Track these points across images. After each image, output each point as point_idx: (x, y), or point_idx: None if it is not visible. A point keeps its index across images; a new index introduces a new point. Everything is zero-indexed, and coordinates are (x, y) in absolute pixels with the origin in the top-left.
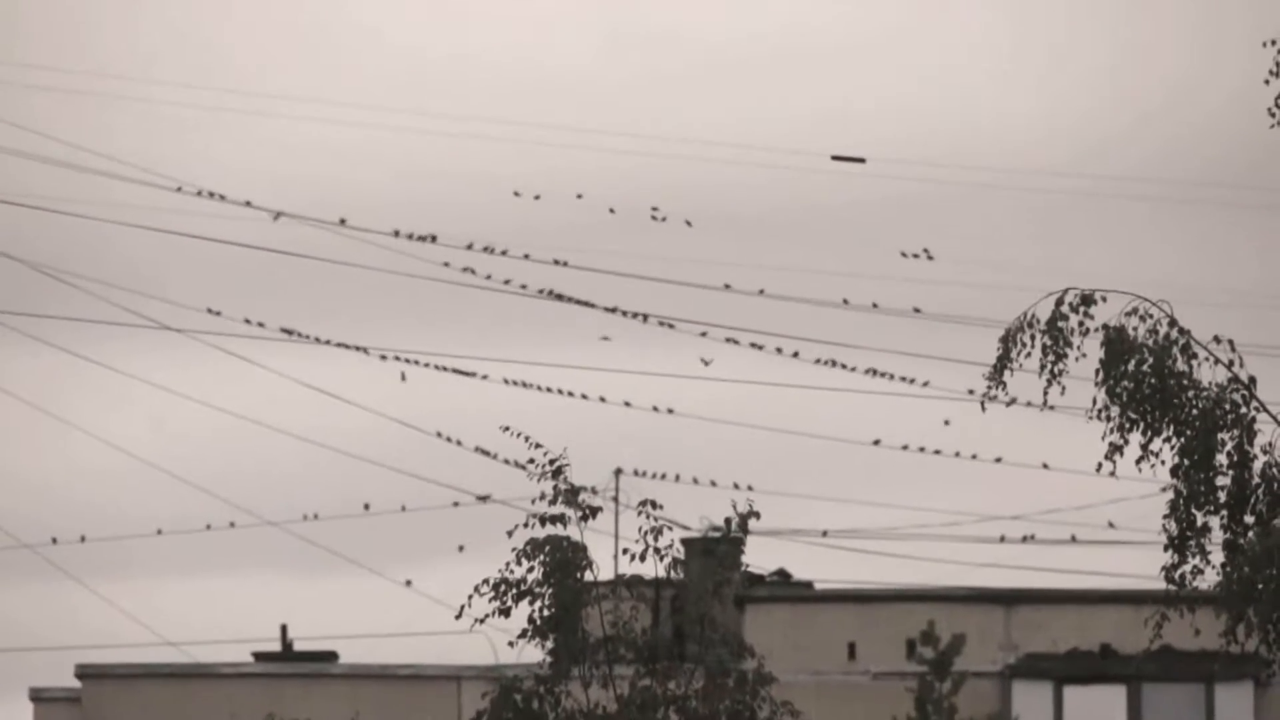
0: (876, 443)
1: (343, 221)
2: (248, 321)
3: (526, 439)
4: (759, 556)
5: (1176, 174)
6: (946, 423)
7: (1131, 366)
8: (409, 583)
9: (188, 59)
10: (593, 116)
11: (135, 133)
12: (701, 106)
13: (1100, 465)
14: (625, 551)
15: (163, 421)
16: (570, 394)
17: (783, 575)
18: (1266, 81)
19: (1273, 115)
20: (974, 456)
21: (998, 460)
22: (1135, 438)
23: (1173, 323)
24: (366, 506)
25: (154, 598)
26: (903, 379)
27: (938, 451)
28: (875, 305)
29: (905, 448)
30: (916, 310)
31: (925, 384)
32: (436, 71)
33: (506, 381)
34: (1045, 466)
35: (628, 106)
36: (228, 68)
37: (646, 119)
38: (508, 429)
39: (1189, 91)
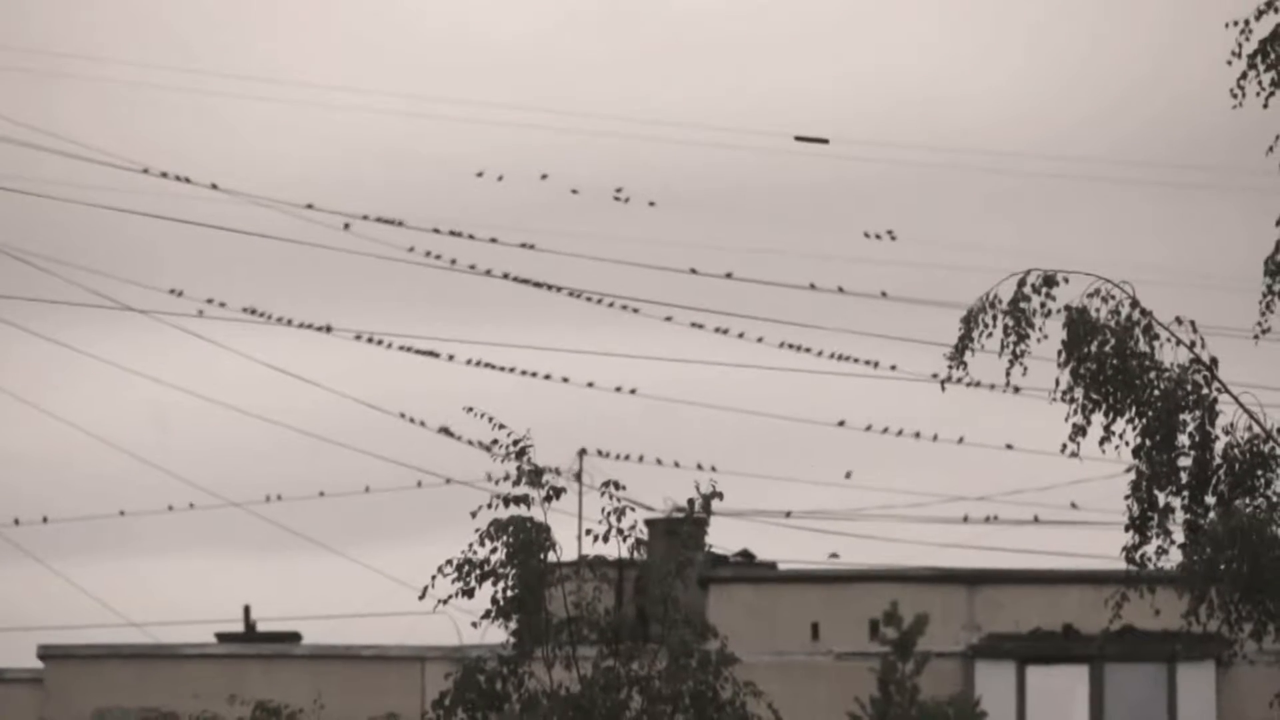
0: (841, 424)
1: (310, 206)
2: (210, 301)
3: (490, 420)
4: (722, 537)
5: (1144, 157)
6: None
7: (1094, 348)
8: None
9: (153, 42)
10: (555, 96)
11: (100, 115)
12: (664, 85)
13: (1064, 447)
14: (588, 532)
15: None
16: (535, 374)
17: (746, 556)
18: (1229, 63)
19: (1235, 97)
20: (935, 438)
21: (960, 441)
22: (1098, 419)
23: (1134, 304)
24: (321, 494)
25: (117, 579)
26: (867, 361)
27: (900, 432)
28: (841, 289)
29: (869, 428)
30: (884, 294)
31: (892, 367)
32: (400, 51)
33: (470, 363)
34: (1009, 447)
35: (589, 86)
36: (192, 50)
37: (609, 99)
38: (471, 410)
39: (1159, 74)
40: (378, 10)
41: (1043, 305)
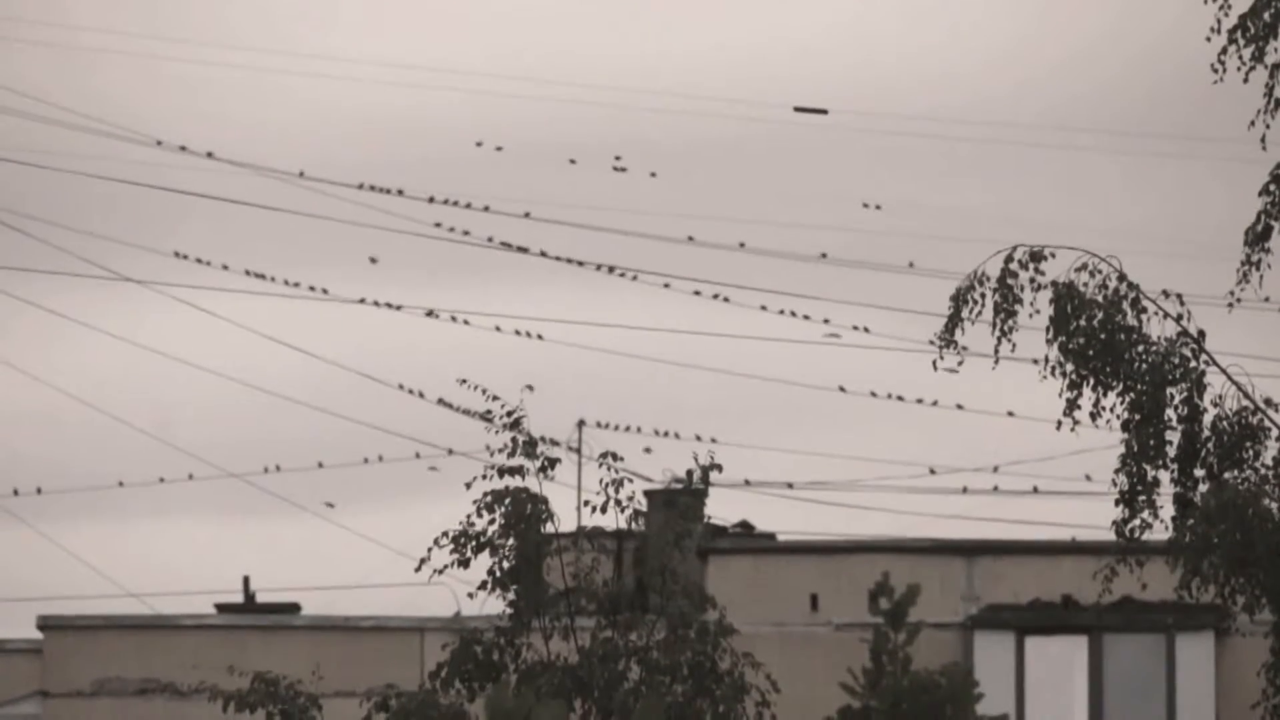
0: (841, 389)
1: (301, 174)
2: (206, 263)
3: (484, 391)
4: (722, 508)
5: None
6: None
7: (1082, 322)
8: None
9: (150, 10)
10: (549, 62)
11: (95, 82)
12: (652, 46)
13: (1060, 423)
14: (587, 503)
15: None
16: (537, 337)
17: (745, 527)
18: (1208, 39)
19: (1215, 72)
20: (935, 403)
21: (959, 408)
22: (1087, 393)
23: (1122, 277)
24: (320, 464)
25: (116, 549)
26: (863, 329)
27: (900, 398)
28: (824, 254)
29: (873, 395)
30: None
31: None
32: (399, 18)
33: (468, 324)
34: (1010, 415)
35: (581, 50)
36: (189, 19)
37: (603, 62)
38: (464, 381)
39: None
40: None
41: (1031, 280)
